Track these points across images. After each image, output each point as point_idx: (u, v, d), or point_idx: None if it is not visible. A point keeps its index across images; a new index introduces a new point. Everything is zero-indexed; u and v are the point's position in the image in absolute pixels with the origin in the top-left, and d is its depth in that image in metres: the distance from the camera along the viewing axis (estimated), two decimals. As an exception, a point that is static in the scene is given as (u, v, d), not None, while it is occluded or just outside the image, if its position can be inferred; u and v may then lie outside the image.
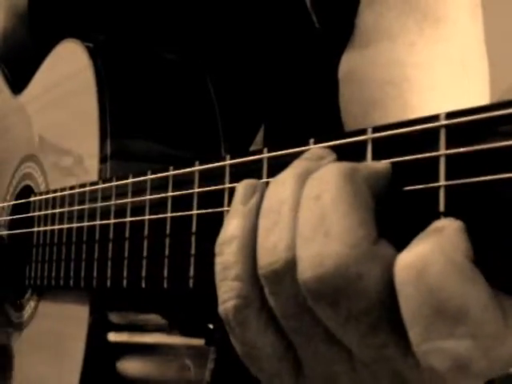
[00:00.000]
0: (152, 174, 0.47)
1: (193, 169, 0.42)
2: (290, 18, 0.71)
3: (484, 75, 0.66)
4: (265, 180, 0.36)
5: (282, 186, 0.31)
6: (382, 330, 0.28)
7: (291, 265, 0.30)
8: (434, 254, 0.26)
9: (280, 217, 0.31)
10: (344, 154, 0.32)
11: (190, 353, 0.55)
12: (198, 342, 0.56)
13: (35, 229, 0.63)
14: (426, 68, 0.64)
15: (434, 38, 0.64)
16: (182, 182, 0.43)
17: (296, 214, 0.30)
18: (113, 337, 0.54)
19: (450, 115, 0.28)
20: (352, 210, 0.28)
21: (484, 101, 0.66)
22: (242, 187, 0.34)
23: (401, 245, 0.29)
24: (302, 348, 0.32)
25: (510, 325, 0.26)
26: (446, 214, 0.28)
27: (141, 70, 0.62)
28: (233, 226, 0.33)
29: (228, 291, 0.33)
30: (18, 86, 0.76)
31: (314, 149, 0.34)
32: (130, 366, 0.55)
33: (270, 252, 0.30)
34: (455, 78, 0.64)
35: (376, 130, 0.31)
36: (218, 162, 0.40)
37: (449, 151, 0.28)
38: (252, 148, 0.73)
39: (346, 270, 0.28)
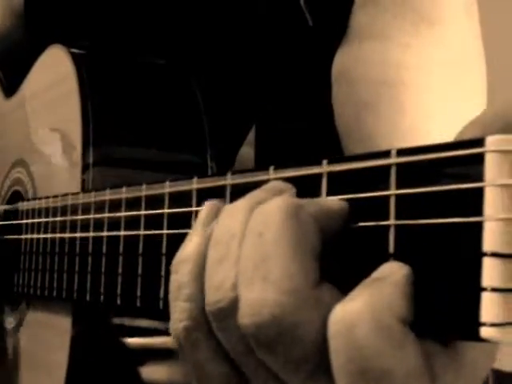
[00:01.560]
0: (126, 190, 0.46)
1: (163, 191, 0.42)
2: (283, 16, 0.70)
3: (481, 77, 0.65)
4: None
5: (232, 217, 0.31)
6: (321, 376, 0.28)
7: (236, 305, 0.29)
8: (365, 311, 0.25)
9: (228, 251, 0.30)
10: (301, 185, 0.32)
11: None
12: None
13: (23, 236, 0.63)
14: (421, 70, 0.62)
15: (429, 39, 0.63)
16: (154, 201, 0.43)
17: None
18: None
19: (401, 152, 0.28)
20: (293, 253, 0.27)
21: (481, 103, 0.65)
22: (205, 208, 0.34)
23: (349, 286, 0.28)
24: (250, 379, 0.32)
25: None
26: (396, 255, 0.27)
27: (125, 77, 0.61)
28: (191, 247, 0.33)
29: (180, 311, 0.32)
30: (12, 88, 0.76)
31: (275, 182, 0.33)
32: (149, 371, 0.55)
33: (217, 289, 0.30)
34: (451, 80, 0.63)
35: (331, 161, 0.30)
36: (185, 184, 0.40)
37: (398, 191, 0.27)
38: (244, 148, 0.72)
39: (282, 320, 0.27)
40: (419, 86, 0.62)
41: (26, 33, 0.81)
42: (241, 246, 0.29)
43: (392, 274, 0.26)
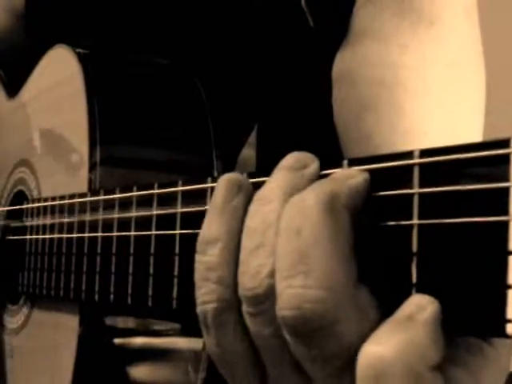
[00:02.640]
0: (138, 189, 0.46)
1: (176, 189, 0.42)
2: (285, 17, 0.70)
3: (480, 78, 0.66)
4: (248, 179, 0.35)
5: (267, 205, 0.31)
6: (347, 375, 0.28)
7: (272, 291, 0.30)
8: (395, 358, 0.25)
9: (264, 240, 0.30)
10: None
11: (191, 357, 0.55)
12: (197, 345, 0.56)
13: (27, 236, 0.63)
14: (419, 70, 0.63)
15: (428, 40, 0.63)
16: (166, 200, 0.43)
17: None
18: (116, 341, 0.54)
19: (424, 153, 0.28)
20: (333, 250, 0.28)
21: (480, 104, 0.65)
22: (224, 184, 0.33)
23: (373, 285, 0.29)
24: (269, 366, 0.32)
25: None
26: (419, 254, 0.27)
27: (131, 77, 0.62)
28: (217, 226, 0.33)
29: (209, 293, 0.33)
30: (14, 88, 0.76)
31: (297, 154, 0.33)
32: (136, 372, 0.55)
33: (253, 276, 0.30)
34: (450, 81, 0.64)
35: (351, 163, 0.31)
36: (200, 183, 0.40)
37: (422, 190, 0.28)
38: (245, 149, 0.72)
39: (324, 315, 0.28)
40: (418, 86, 0.62)
41: (27, 34, 0.81)
42: (277, 237, 0.29)
43: (420, 313, 0.26)
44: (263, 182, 0.34)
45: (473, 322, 0.26)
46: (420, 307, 0.26)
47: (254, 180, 0.35)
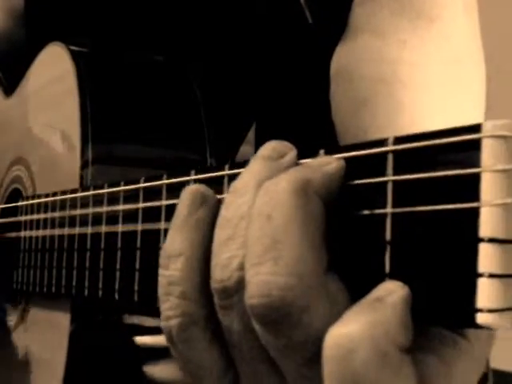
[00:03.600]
0: (125, 184, 0.46)
1: (161, 182, 0.42)
2: (283, 13, 0.70)
3: (480, 75, 0.65)
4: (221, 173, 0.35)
5: (242, 195, 0.31)
6: (315, 365, 0.27)
7: (242, 284, 0.29)
8: (362, 337, 0.25)
9: (236, 232, 0.30)
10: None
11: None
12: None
13: (22, 233, 0.63)
14: (418, 67, 0.62)
15: (427, 36, 0.63)
16: (152, 193, 0.43)
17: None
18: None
19: (398, 140, 0.28)
20: (303, 236, 0.27)
21: (479, 101, 0.65)
22: (187, 196, 0.33)
23: (345, 273, 0.28)
24: (242, 366, 0.32)
25: None
26: (392, 243, 0.27)
27: (124, 74, 0.61)
28: (179, 240, 0.32)
29: (172, 308, 0.32)
30: (11, 87, 0.76)
31: (274, 143, 0.32)
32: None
33: (224, 267, 0.30)
34: (449, 78, 0.63)
35: (328, 151, 0.30)
36: (184, 176, 0.39)
37: (395, 177, 0.27)
38: (244, 147, 0.72)
39: (292, 302, 0.27)
40: (417, 82, 0.62)
41: (26, 34, 0.81)
42: (249, 226, 0.29)
43: (389, 296, 0.26)
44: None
45: (444, 311, 0.25)
46: (390, 291, 0.26)
47: (235, 171, 0.35)
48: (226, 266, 0.30)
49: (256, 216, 0.29)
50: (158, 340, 0.55)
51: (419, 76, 0.62)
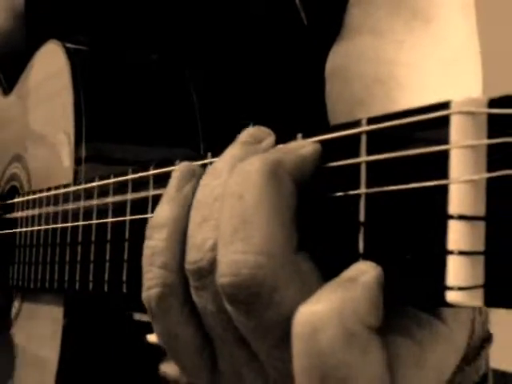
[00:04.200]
0: (114, 177, 0.46)
1: (147, 173, 0.42)
2: (278, 14, 0.70)
3: (476, 76, 0.65)
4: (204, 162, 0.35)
5: (217, 178, 0.31)
6: (287, 346, 0.27)
7: (215, 265, 0.29)
8: (331, 316, 0.25)
9: (210, 213, 0.30)
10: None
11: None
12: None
13: (17, 230, 0.64)
14: (415, 67, 0.62)
15: (424, 37, 0.63)
16: (140, 185, 0.43)
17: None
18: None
19: (371, 120, 0.28)
20: (274, 215, 0.27)
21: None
22: (178, 172, 0.34)
23: (318, 254, 0.28)
24: (217, 345, 0.32)
25: None
26: (366, 224, 0.27)
27: (119, 72, 0.62)
28: (165, 212, 0.33)
29: (153, 278, 0.32)
30: (10, 86, 0.76)
31: (253, 129, 0.33)
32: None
33: (197, 249, 0.30)
34: (446, 78, 0.63)
35: (305, 135, 0.30)
36: (169, 166, 0.40)
37: (368, 158, 0.27)
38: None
39: (263, 281, 0.27)
40: (413, 83, 0.62)
41: (26, 33, 0.82)
42: (221, 207, 0.29)
43: (362, 276, 0.26)
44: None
45: (416, 290, 0.25)
46: (362, 271, 0.26)
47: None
48: (200, 248, 0.30)
49: (228, 197, 0.29)
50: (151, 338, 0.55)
51: (416, 76, 0.62)
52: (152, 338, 0.54)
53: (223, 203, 0.29)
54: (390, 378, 0.26)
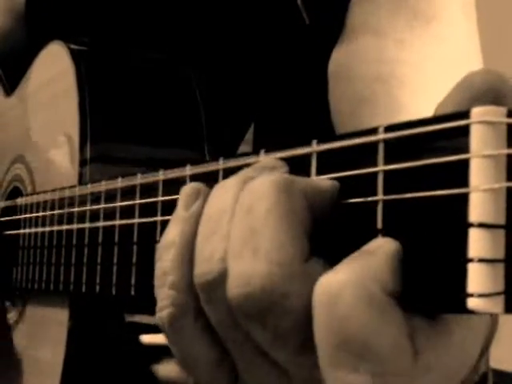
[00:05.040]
0: (122, 180, 0.47)
1: (156, 178, 0.42)
2: (280, 14, 0.70)
3: None
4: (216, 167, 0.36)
5: (224, 193, 0.31)
6: (309, 352, 0.27)
7: (224, 277, 0.29)
8: (351, 282, 0.25)
9: (218, 226, 0.30)
10: (291, 165, 0.32)
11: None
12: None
13: (21, 231, 0.63)
14: (416, 66, 0.62)
15: (425, 36, 0.63)
16: (149, 189, 0.43)
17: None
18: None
19: (388, 129, 0.28)
20: (284, 226, 0.27)
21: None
22: (185, 192, 0.34)
23: (337, 262, 0.28)
24: (237, 357, 0.32)
25: (419, 366, 0.25)
26: (384, 231, 0.27)
27: (124, 73, 0.62)
28: (173, 232, 0.33)
29: (164, 298, 0.33)
30: (12, 86, 0.76)
31: (267, 159, 0.33)
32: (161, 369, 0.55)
33: (206, 262, 0.30)
34: (447, 77, 0.63)
35: (321, 141, 0.31)
36: (179, 170, 0.40)
37: (386, 167, 0.27)
38: (242, 147, 0.72)
39: (272, 290, 0.27)
40: (415, 82, 0.62)
41: (27, 33, 0.82)
42: (231, 220, 0.29)
43: (382, 248, 0.26)
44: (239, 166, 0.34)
45: (436, 297, 0.25)
46: (379, 244, 0.26)
47: (230, 164, 0.35)
48: (209, 260, 0.30)
49: (238, 209, 0.29)
50: (161, 338, 0.55)
51: (417, 75, 0.62)
52: (146, 338, 0.54)
53: (232, 215, 0.29)
54: (411, 347, 0.26)
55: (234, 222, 0.29)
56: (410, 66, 0.62)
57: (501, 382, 0.79)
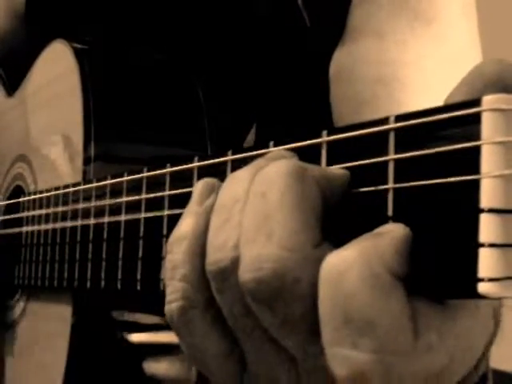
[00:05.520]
0: (128, 175, 0.47)
1: (164, 171, 0.42)
2: (282, 16, 0.71)
3: None
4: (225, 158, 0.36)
5: (236, 183, 0.31)
6: (318, 338, 0.27)
7: (236, 264, 0.30)
8: (357, 259, 0.25)
9: (231, 215, 0.30)
10: (301, 156, 0.32)
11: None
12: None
13: (23, 229, 0.64)
14: (417, 67, 0.63)
15: (425, 37, 0.63)
16: (155, 183, 0.43)
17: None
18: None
19: (399, 118, 0.28)
20: (297, 212, 0.28)
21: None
22: (199, 187, 0.34)
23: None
24: (246, 346, 0.32)
25: (419, 346, 0.26)
26: (395, 218, 0.28)
27: (127, 72, 0.62)
28: (185, 225, 0.33)
29: (174, 292, 0.33)
30: (13, 86, 0.76)
31: (278, 150, 0.33)
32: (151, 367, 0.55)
33: (218, 250, 0.30)
34: (448, 78, 0.64)
35: (331, 131, 0.31)
36: (187, 163, 0.40)
37: (397, 156, 0.28)
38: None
39: (284, 274, 0.27)
40: (415, 82, 0.62)
41: (27, 33, 0.82)
42: (244, 208, 0.30)
43: (391, 231, 0.26)
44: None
45: (447, 282, 0.26)
46: (389, 228, 0.27)
47: (238, 156, 0.36)
48: (221, 248, 0.30)
49: (251, 195, 0.29)
50: (154, 337, 0.55)
51: (418, 76, 0.63)
52: (134, 337, 0.54)
53: (246, 202, 0.29)
54: (412, 328, 0.26)
55: (246, 209, 0.29)
56: (410, 66, 0.63)
57: (501, 382, 0.80)
